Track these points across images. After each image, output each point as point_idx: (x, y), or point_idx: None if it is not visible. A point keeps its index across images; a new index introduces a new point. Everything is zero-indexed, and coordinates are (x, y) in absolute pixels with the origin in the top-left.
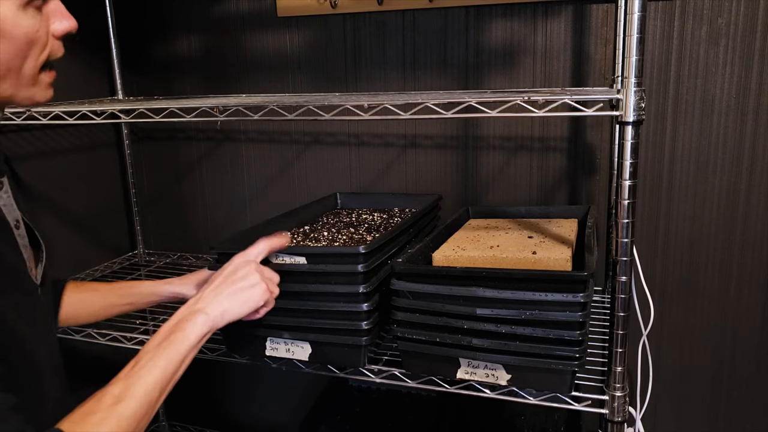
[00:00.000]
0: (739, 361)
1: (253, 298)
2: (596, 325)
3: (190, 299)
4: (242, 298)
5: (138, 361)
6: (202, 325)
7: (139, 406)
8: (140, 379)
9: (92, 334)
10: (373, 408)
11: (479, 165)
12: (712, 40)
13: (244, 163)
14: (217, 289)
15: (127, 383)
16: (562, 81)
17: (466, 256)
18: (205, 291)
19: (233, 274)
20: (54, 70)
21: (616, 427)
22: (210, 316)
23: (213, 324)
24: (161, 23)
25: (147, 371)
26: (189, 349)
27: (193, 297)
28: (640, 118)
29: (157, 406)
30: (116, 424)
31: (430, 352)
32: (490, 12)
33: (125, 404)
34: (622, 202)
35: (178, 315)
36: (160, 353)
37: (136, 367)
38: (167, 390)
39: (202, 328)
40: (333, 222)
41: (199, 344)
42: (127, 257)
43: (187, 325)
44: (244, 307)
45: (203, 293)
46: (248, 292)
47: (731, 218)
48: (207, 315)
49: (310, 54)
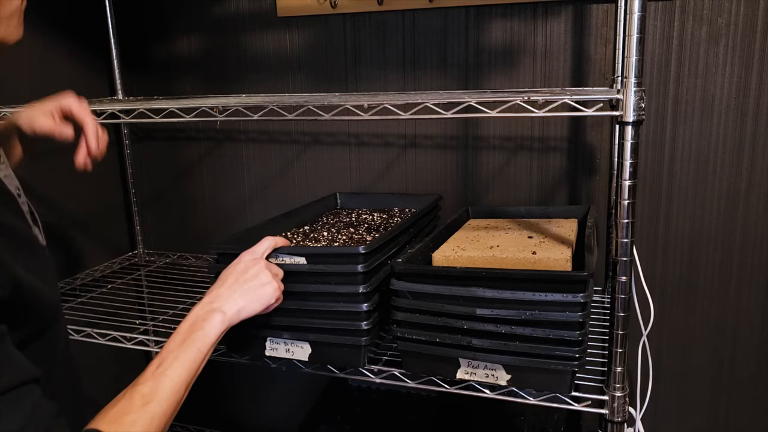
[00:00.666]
0: (739, 361)
1: (266, 296)
2: (596, 325)
3: (205, 297)
4: (256, 296)
5: (163, 361)
6: (220, 324)
7: (168, 405)
8: (167, 378)
9: (92, 334)
10: (373, 408)
11: (479, 165)
12: (712, 40)
13: (244, 163)
14: (231, 287)
15: (155, 383)
16: (562, 81)
17: (466, 256)
18: (220, 289)
19: (245, 273)
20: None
21: (616, 427)
22: (227, 315)
23: (230, 322)
24: (161, 23)
25: (173, 371)
26: (209, 347)
27: (207, 295)
28: (640, 118)
29: (181, 402)
30: (149, 423)
31: (430, 352)
32: (490, 12)
33: (156, 404)
34: (622, 202)
35: (194, 314)
36: (183, 352)
37: (161, 367)
38: (190, 386)
39: (220, 326)
40: (333, 222)
41: (216, 341)
42: (127, 257)
43: (206, 324)
44: (258, 305)
45: (218, 291)
46: (261, 290)
47: (731, 218)
48: (224, 314)
49: (310, 54)
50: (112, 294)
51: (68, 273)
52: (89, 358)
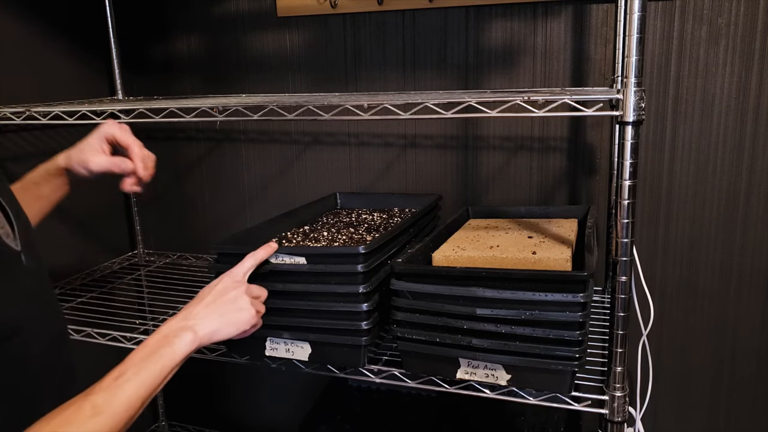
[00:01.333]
0: (739, 361)
1: (242, 322)
2: (596, 325)
3: (180, 313)
4: (232, 320)
5: (124, 372)
6: (191, 343)
7: (119, 421)
8: (123, 392)
9: (92, 334)
10: (373, 408)
11: (479, 165)
12: (712, 40)
13: (244, 163)
14: (208, 307)
15: (110, 394)
16: (562, 81)
17: (466, 256)
18: (196, 308)
19: (224, 294)
20: None
21: (616, 427)
22: (198, 335)
23: (200, 343)
24: (161, 23)
25: (131, 385)
26: (175, 365)
27: (182, 311)
28: (640, 118)
29: (134, 419)
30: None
31: (430, 352)
32: (490, 12)
33: (104, 418)
34: (622, 202)
35: (166, 328)
36: (146, 367)
37: (120, 378)
38: (147, 402)
39: (190, 345)
40: (333, 222)
41: (183, 360)
42: (127, 257)
43: (176, 341)
44: (233, 329)
45: (194, 309)
46: (238, 314)
47: (731, 218)
48: (196, 334)
49: (310, 54)
50: (112, 294)
51: (68, 273)
52: (89, 358)
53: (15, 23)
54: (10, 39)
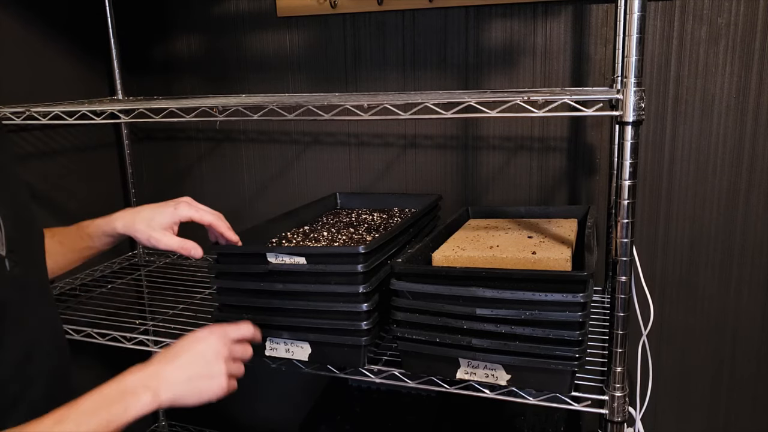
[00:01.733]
0: (739, 361)
1: (207, 392)
2: (596, 325)
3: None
4: (197, 389)
5: (64, 420)
6: (146, 405)
7: None
8: None
9: (92, 334)
10: (373, 408)
11: (479, 165)
12: (712, 40)
13: (244, 163)
14: (179, 369)
15: None
16: (561, 81)
17: (466, 256)
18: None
19: (202, 356)
20: None
21: (616, 427)
22: (158, 399)
23: (158, 407)
24: (161, 23)
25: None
26: (122, 423)
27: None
28: (640, 118)
29: None
30: None
31: (430, 352)
32: (490, 12)
33: None
34: (622, 202)
35: (129, 380)
36: (90, 421)
37: (59, 425)
38: None
39: (145, 408)
40: (333, 222)
41: (134, 420)
42: (126, 257)
43: (132, 401)
44: (195, 399)
45: (164, 369)
46: (205, 383)
47: (731, 218)
48: (155, 397)
49: (310, 54)
50: (112, 294)
51: (68, 273)
52: (89, 358)
53: (15, 23)
54: (10, 39)
